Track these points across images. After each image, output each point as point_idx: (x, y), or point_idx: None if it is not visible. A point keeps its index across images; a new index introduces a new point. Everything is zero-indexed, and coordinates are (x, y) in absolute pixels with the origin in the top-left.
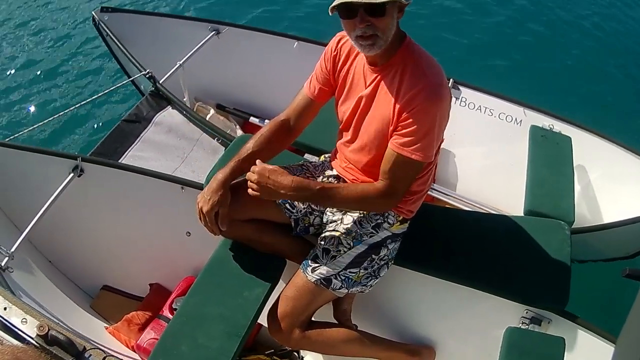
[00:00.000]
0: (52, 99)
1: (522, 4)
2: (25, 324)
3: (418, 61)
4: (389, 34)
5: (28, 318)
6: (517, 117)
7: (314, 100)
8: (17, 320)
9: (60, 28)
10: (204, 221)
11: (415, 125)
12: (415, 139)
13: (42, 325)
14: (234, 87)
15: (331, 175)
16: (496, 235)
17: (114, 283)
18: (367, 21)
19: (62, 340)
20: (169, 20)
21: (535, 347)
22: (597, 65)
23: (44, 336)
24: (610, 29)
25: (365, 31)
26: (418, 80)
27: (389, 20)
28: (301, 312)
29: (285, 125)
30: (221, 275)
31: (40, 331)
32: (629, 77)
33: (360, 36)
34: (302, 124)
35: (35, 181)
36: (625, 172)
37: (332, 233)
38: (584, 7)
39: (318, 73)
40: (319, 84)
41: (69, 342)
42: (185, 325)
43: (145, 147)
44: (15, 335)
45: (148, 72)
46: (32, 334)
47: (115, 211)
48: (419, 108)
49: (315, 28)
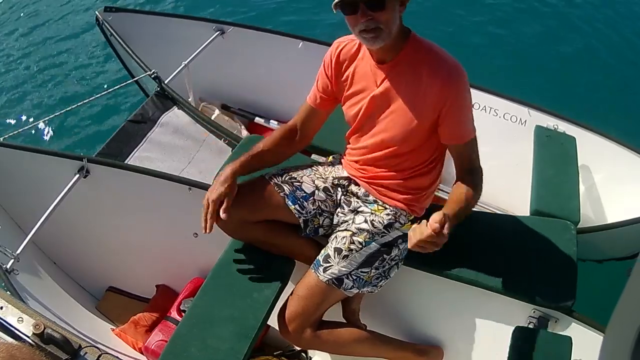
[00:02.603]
0: (53, 99)
1: (524, 2)
2: (22, 323)
3: (431, 49)
4: (392, 27)
5: (24, 317)
6: (521, 117)
7: (317, 108)
8: (13, 319)
9: (63, 28)
10: (205, 210)
11: (460, 111)
12: (467, 120)
13: (37, 323)
14: (239, 87)
15: (342, 177)
16: (503, 236)
17: (119, 284)
18: (369, 15)
19: (58, 338)
20: (173, 20)
21: (543, 347)
22: (601, 64)
23: (40, 334)
24: (616, 28)
25: (367, 25)
26: (439, 66)
27: (390, 12)
28: (312, 312)
29: (294, 132)
30: (230, 277)
31: (36, 330)
32: (633, 76)
33: (363, 30)
34: (309, 131)
35: (40, 182)
36: (629, 172)
37: (344, 233)
38: (589, 5)
39: (319, 82)
40: (320, 92)
41: (65, 341)
42: (194, 327)
43: (151, 148)
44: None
45: (153, 72)
46: (28, 333)
47: (121, 212)
48: (454, 94)
49: (320, 28)
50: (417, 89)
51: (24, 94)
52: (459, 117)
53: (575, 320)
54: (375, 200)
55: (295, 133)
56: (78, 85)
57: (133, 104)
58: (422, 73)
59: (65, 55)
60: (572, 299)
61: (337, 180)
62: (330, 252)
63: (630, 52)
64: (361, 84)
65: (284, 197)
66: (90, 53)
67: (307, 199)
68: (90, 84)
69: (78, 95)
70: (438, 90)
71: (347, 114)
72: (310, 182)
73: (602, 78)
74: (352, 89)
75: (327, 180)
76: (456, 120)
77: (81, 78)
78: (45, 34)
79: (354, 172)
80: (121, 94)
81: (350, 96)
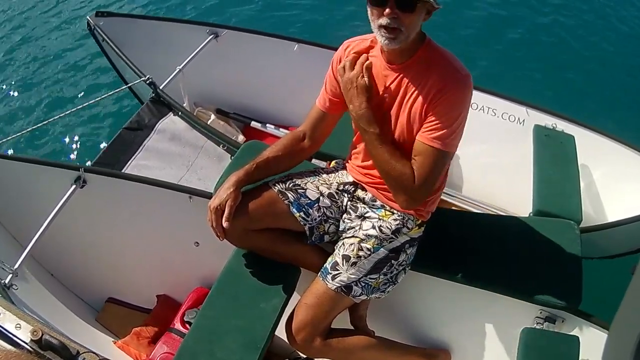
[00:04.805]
0: (44, 107)
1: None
2: (19, 329)
3: (444, 56)
4: (412, 32)
5: (22, 323)
6: (520, 116)
7: (327, 112)
8: (11, 325)
9: (54, 34)
10: (211, 221)
11: (444, 114)
12: (445, 127)
13: (35, 330)
14: (234, 91)
15: (347, 182)
16: (507, 237)
17: (119, 295)
18: (395, 14)
19: (56, 344)
20: (166, 24)
21: (551, 347)
22: (598, 62)
23: (38, 341)
24: (612, 25)
25: (390, 23)
26: (447, 72)
27: (415, 17)
28: (321, 321)
29: (303, 138)
30: (236, 287)
31: (34, 336)
32: (629, 73)
33: (384, 26)
34: (319, 136)
35: (36, 193)
36: (628, 169)
37: (352, 239)
38: (585, 5)
39: (327, 85)
40: (329, 95)
41: (63, 347)
42: (201, 339)
43: (149, 156)
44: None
45: (148, 78)
46: (26, 339)
47: (120, 222)
48: (448, 96)
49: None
50: (424, 92)
51: (13, 102)
52: (440, 118)
53: (582, 319)
54: (382, 205)
55: (305, 140)
56: (70, 93)
57: (127, 110)
58: (430, 78)
59: (56, 62)
60: (579, 299)
61: (342, 185)
62: (338, 259)
63: (627, 48)
64: None
65: (288, 204)
66: (82, 59)
67: (312, 206)
68: (83, 91)
69: (70, 103)
70: (437, 90)
71: None
72: (314, 188)
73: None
74: None
75: (331, 186)
76: (435, 121)
77: (73, 85)
78: (36, 41)
79: (361, 177)
80: (114, 101)
81: None
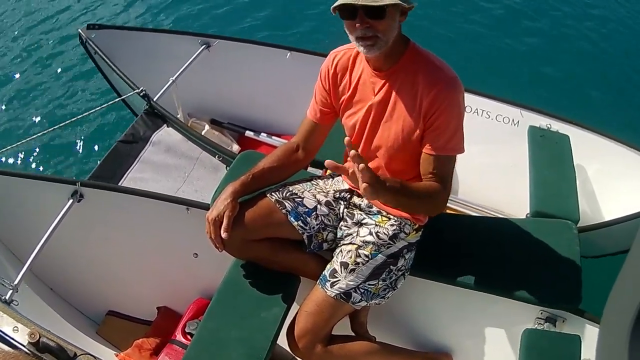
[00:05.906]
0: (36, 121)
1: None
2: (17, 332)
3: (429, 59)
4: (389, 36)
5: (19, 326)
6: (514, 118)
7: (318, 123)
8: (8, 328)
9: (46, 47)
10: (209, 233)
11: (447, 122)
12: (451, 134)
13: (33, 332)
14: (228, 101)
15: (343, 190)
16: (506, 239)
17: (119, 308)
18: (367, 23)
19: (53, 347)
20: (157, 36)
21: (553, 347)
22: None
23: (35, 343)
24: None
25: (365, 33)
26: (436, 76)
27: (389, 22)
28: (322, 328)
29: (296, 150)
30: (236, 297)
31: (32, 338)
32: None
33: (360, 37)
34: (312, 147)
35: (33, 208)
36: (624, 167)
37: (349, 246)
38: (577, 5)
39: (317, 95)
40: (319, 106)
41: (60, 349)
42: (204, 351)
43: (144, 168)
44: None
45: (142, 90)
46: (24, 342)
47: (118, 236)
48: (446, 104)
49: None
50: (414, 98)
51: (4, 115)
52: (444, 128)
53: (583, 318)
54: (379, 211)
55: (298, 150)
56: (62, 106)
57: (121, 123)
58: (418, 82)
59: (48, 75)
60: (579, 298)
61: (338, 193)
62: (337, 267)
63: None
64: (359, 93)
65: (286, 214)
66: (75, 72)
67: (310, 215)
68: (76, 104)
69: (63, 116)
70: (431, 99)
71: (346, 124)
72: (311, 197)
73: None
74: (350, 98)
75: (328, 194)
76: (441, 131)
77: (66, 98)
78: (27, 54)
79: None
80: (108, 113)
81: (348, 106)
